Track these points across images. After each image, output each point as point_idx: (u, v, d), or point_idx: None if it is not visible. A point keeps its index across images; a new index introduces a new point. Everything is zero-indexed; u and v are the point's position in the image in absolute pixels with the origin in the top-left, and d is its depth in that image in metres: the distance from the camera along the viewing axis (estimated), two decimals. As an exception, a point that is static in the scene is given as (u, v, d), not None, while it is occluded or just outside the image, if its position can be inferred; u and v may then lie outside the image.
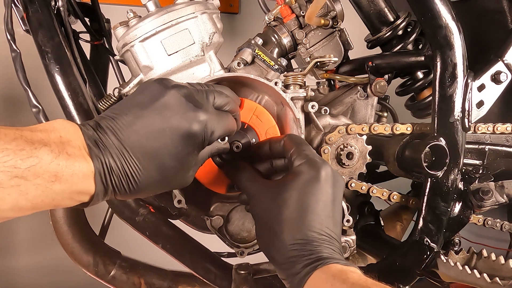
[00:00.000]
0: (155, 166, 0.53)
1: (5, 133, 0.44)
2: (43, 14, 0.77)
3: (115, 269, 0.92)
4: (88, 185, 0.49)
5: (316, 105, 0.80)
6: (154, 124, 0.53)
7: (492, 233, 1.08)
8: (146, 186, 0.54)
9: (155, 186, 0.55)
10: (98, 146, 0.50)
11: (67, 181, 0.47)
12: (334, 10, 0.97)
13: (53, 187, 0.46)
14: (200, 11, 0.82)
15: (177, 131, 0.54)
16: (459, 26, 0.80)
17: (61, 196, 0.47)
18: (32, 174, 0.44)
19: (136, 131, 0.52)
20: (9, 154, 0.43)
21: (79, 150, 0.48)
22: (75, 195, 0.49)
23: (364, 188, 0.86)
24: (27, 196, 0.44)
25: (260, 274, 0.77)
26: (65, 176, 0.46)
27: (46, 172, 0.45)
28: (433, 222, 0.83)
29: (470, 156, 0.92)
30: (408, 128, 0.86)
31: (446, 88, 0.81)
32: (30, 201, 0.45)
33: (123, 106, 0.56)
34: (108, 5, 1.41)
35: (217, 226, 0.79)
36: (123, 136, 0.52)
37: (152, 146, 0.53)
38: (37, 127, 0.48)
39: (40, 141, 0.46)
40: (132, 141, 0.52)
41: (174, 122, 0.54)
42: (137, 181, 0.52)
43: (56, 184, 0.46)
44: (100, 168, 0.50)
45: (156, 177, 0.54)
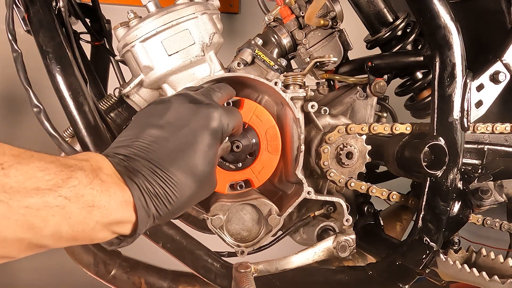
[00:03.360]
0: (188, 174, 0.52)
1: (43, 156, 0.42)
2: (44, 14, 0.78)
3: (116, 269, 0.92)
4: (128, 213, 0.47)
5: (316, 105, 0.80)
6: (175, 135, 0.53)
7: (492, 233, 1.08)
8: (185, 199, 0.52)
9: (193, 197, 0.54)
10: (129, 171, 0.49)
11: (105, 207, 0.44)
12: (333, 11, 0.98)
13: (93, 214, 0.43)
14: (201, 12, 0.83)
15: (200, 133, 0.54)
16: (458, 27, 0.80)
17: (100, 225, 0.44)
18: (74, 196, 0.42)
19: (159, 148, 0.51)
20: (50, 173, 0.41)
21: (111, 178, 0.46)
22: (114, 226, 0.46)
23: (363, 188, 0.86)
24: (69, 221, 0.42)
25: (260, 273, 0.78)
26: (102, 202, 0.44)
27: (86, 195, 0.43)
28: (432, 222, 0.83)
29: (469, 155, 0.93)
30: (407, 128, 0.86)
31: (445, 88, 0.81)
32: (71, 228, 0.42)
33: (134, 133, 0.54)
34: (109, 5, 1.41)
35: (217, 226, 0.80)
36: (149, 156, 0.50)
37: (180, 156, 0.52)
38: (67, 156, 0.47)
39: (75, 165, 0.44)
40: (160, 158, 0.51)
41: (193, 126, 0.54)
42: (176, 195, 0.51)
43: (95, 210, 0.43)
44: (138, 192, 0.47)
45: (192, 185, 0.52)
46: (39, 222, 0.40)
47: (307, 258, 0.80)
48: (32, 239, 0.40)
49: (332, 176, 0.84)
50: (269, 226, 0.81)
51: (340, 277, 0.86)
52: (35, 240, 0.41)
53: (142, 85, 0.87)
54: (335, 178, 0.84)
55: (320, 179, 0.90)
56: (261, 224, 0.81)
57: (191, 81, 0.84)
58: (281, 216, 0.80)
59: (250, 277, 0.68)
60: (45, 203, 0.40)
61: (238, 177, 0.80)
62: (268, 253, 0.88)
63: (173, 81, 0.84)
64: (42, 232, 0.40)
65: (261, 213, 0.81)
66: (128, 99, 0.89)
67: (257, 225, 0.82)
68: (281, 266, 0.79)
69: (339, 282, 0.86)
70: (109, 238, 0.48)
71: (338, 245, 0.81)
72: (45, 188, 0.40)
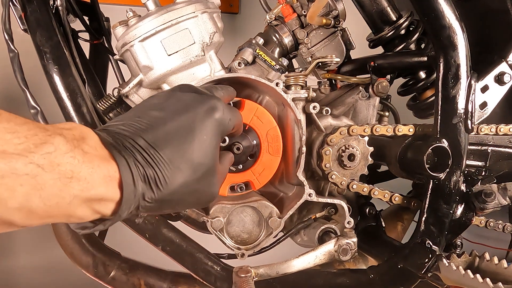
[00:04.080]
0: (183, 160, 0.47)
1: (13, 117, 0.37)
2: (42, 13, 0.76)
3: (115, 270, 0.91)
4: (112, 190, 0.42)
5: (318, 106, 0.79)
6: (175, 118, 0.49)
7: (492, 233, 1.07)
8: (175, 187, 0.47)
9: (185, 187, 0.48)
10: (118, 145, 0.44)
11: (85, 180, 0.39)
12: (336, 9, 0.96)
13: (70, 186, 0.38)
14: (201, 11, 0.81)
15: (201, 121, 0.50)
16: (463, 26, 0.79)
17: (79, 200, 0.39)
18: (49, 164, 0.36)
19: (156, 128, 0.47)
20: (20, 137, 0.36)
21: (95, 150, 0.41)
22: (95, 203, 0.41)
23: (365, 190, 0.85)
24: (41, 193, 0.36)
25: (261, 278, 0.77)
26: (83, 174, 0.39)
27: (63, 164, 0.37)
28: (435, 225, 0.82)
29: (472, 157, 0.92)
30: (410, 129, 0.85)
31: (449, 89, 0.80)
32: (43, 202, 0.36)
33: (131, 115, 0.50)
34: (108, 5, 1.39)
35: (218, 228, 0.79)
36: (143, 134, 0.46)
37: (177, 139, 0.47)
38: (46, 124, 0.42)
39: (53, 131, 0.39)
40: (155, 137, 0.46)
41: (195, 113, 0.50)
42: (166, 179, 0.45)
43: (73, 182, 0.38)
44: (126, 167, 0.42)
45: (185, 173, 0.47)
46: (3, 192, 0.34)
47: (308, 262, 0.79)
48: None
49: (334, 179, 0.83)
50: (270, 228, 0.80)
51: (341, 280, 0.85)
52: (1, 214, 0.35)
53: (142, 85, 0.85)
54: (336, 181, 0.83)
55: (321, 181, 0.89)
56: (262, 226, 0.81)
57: (191, 81, 0.83)
58: (282, 219, 0.80)
59: (251, 282, 0.67)
60: (11, 170, 0.34)
61: (238, 179, 0.79)
62: (269, 255, 0.88)
63: (172, 81, 0.83)
64: (6, 204, 0.35)
65: (261, 215, 0.80)
66: (127, 99, 0.88)
67: (257, 227, 0.81)
68: (282, 270, 0.78)
69: (340, 285, 0.85)
70: (89, 218, 0.42)
71: (340, 248, 0.80)
72: (13, 152, 0.35)
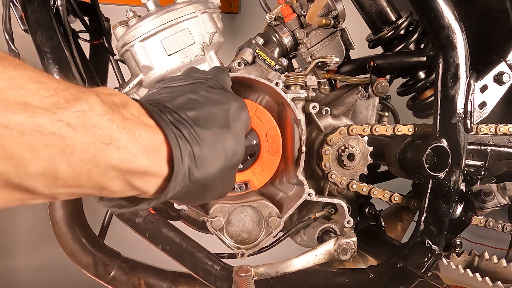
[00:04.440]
0: (223, 146, 0.45)
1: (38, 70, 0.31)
2: (42, 13, 0.77)
3: (115, 270, 0.92)
4: (157, 164, 0.36)
5: (317, 106, 0.79)
6: (215, 106, 0.46)
7: (492, 233, 1.08)
8: (215, 172, 0.43)
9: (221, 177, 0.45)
10: (164, 115, 0.39)
11: (127, 149, 0.33)
12: (335, 10, 0.96)
13: (107, 154, 0.32)
14: (201, 11, 0.82)
15: (236, 114, 0.49)
16: (462, 26, 0.79)
17: (115, 171, 0.33)
18: (81, 124, 0.31)
19: (198, 109, 0.44)
20: (47, 89, 0.30)
21: (137, 118, 0.36)
22: (136, 177, 0.35)
23: (365, 190, 0.85)
24: (70, 157, 0.30)
25: (260, 277, 0.77)
26: (123, 141, 0.33)
27: (99, 127, 0.32)
28: (434, 224, 0.82)
29: (472, 157, 0.92)
30: (409, 129, 0.85)
31: (448, 89, 0.80)
32: (72, 168, 0.31)
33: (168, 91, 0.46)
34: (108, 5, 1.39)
35: (217, 228, 0.79)
36: (189, 113, 0.42)
37: (219, 126, 0.45)
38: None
39: (89, 89, 0.33)
40: (200, 118, 0.43)
41: (231, 107, 0.49)
42: (208, 161, 0.42)
43: (111, 150, 0.32)
44: (174, 139, 0.37)
45: (224, 160, 0.45)
46: (24, 152, 0.28)
47: (308, 261, 0.79)
48: (11, 175, 0.29)
49: (334, 178, 0.83)
50: (270, 228, 0.80)
51: (341, 280, 0.86)
52: (16, 178, 0.29)
53: (142, 85, 0.86)
54: (336, 180, 0.83)
55: (321, 180, 0.90)
56: (262, 226, 0.81)
57: (191, 81, 0.83)
58: (281, 218, 0.80)
59: (251, 281, 0.67)
60: (34, 127, 0.28)
61: (238, 178, 0.80)
62: (269, 255, 0.88)
63: (172, 81, 0.83)
64: (27, 167, 0.29)
65: (261, 215, 0.80)
66: (127, 99, 0.88)
67: (257, 227, 0.81)
68: (281, 270, 0.78)
69: (340, 285, 0.85)
70: (123, 193, 0.36)
71: (339, 247, 0.80)
72: (38, 105, 0.29)
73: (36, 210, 1.49)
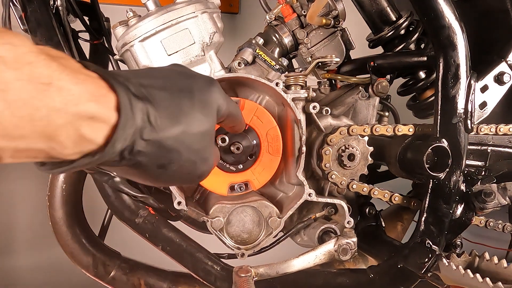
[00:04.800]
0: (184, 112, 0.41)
1: None
2: (42, 13, 0.77)
3: (115, 270, 0.91)
4: (105, 109, 0.33)
5: (318, 106, 0.79)
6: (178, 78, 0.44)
7: (492, 233, 1.07)
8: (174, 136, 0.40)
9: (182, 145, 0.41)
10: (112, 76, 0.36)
11: (70, 91, 0.30)
12: (335, 10, 0.96)
13: (47, 95, 0.29)
14: (201, 11, 0.81)
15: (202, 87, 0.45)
16: (462, 26, 0.79)
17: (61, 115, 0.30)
18: (12, 59, 0.27)
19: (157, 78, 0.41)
20: None
21: (79, 69, 0.33)
22: (84, 122, 0.31)
23: (365, 190, 0.85)
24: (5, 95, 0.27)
25: (261, 277, 0.77)
26: (65, 83, 0.30)
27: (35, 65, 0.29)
28: (435, 224, 0.82)
29: (472, 157, 0.92)
30: (410, 129, 0.85)
31: (449, 89, 0.80)
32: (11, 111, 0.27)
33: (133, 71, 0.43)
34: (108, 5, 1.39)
35: (218, 228, 0.79)
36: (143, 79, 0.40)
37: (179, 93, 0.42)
38: None
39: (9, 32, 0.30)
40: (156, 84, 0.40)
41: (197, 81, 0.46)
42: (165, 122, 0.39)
43: (52, 91, 0.29)
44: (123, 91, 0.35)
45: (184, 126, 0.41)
46: None
47: (308, 262, 0.79)
48: None
49: (334, 178, 0.83)
50: (270, 228, 0.80)
51: (341, 280, 0.86)
52: None
53: (142, 85, 0.85)
54: (336, 180, 0.83)
55: (321, 181, 0.90)
56: (262, 226, 0.81)
57: (191, 81, 0.83)
58: (281, 218, 0.80)
59: (251, 281, 0.67)
60: None
61: (238, 179, 0.79)
62: (269, 255, 0.88)
63: (172, 81, 0.83)
64: None
65: (261, 215, 0.80)
66: (127, 99, 0.88)
67: (257, 227, 0.81)
68: (282, 270, 0.78)
69: (340, 285, 0.85)
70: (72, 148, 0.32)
71: (340, 248, 0.80)
72: None
73: (36, 210, 1.49)
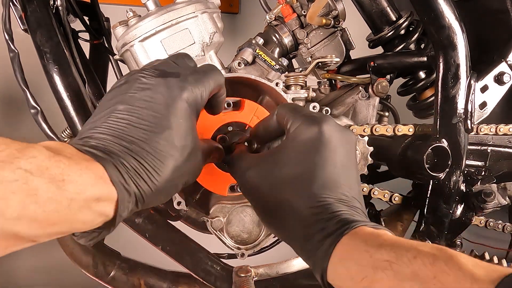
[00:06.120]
0: (166, 147, 0.45)
1: None
2: (42, 13, 0.77)
3: (115, 270, 0.91)
4: (106, 188, 0.40)
5: (318, 106, 0.79)
6: (145, 110, 0.46)
7: (492, 233, 1.08)
8: (167, 174, 0.45)
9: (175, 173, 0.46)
10: (98, 150, 0.42)
11: (77, 182, 0.37)
12: (335, 10, 0.96)
13: (65, 189, 0.36)
14: (201, 11, 0.81)
15: (171, 106, 0.47)
16: (462, 26, 0.79)
17: (77, 203, 0.37)
18: (36, 168, 0.35)
19: (130, 124, 0.45)
20: (0, 143, 0.35)
21: (77, 155, 0.40)
22: (94, 203, 0.39)
23: (365, 190, 0.85)
24: (36, 198, 0.34)
25: (260, 277, 0.77)
26: (73, 176, 0.37)
27: (51, 168, 0.36)
28: (434, 224, 0.82)
29: (472, 157, 0.92)
30: (410, 129, 0.85)
31: (449, 89, 0.80)
32: (41, 208, 0.35)
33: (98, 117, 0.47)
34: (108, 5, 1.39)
35: (217, 228, 0.79)
36: (119, 134, 0.44)
37: (154, 130, 0.45)
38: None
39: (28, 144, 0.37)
40: (133, 134, 0.44)
41: (164, 99, 0.47)
42: (157, 171, 0.44)
43: (67, 185, 0.36)
44: (111, 166, 0.41)
45: (175, 159, 0.46)
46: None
47: (308, 261, 0.79)
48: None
49: (334, 178, 0.83)
50: (270, 228, 0.80)
51: (341, 280, 0.85)
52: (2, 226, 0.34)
53: (142, 85, 0.85)
54: (336, 180, 0.83)
55: (321, 181, 0.89)
56: (262, 226, 0.80)
57: (191, 81, 0.83)
58: (282, 219, 0.79)
59: (251, 281, 0.67)
60: (1, 178, 0.33)
61: (238, 179, 0.79)
62: (269, 255, 0.88)
63: (172, 81, 0.83)
64: (5, 215, 0.33)
65: (261, 215, 0.80)
66: (127, 99, 0.88)
67: (257, 227, 0.81)
68: (281, 270, 0.78)
69: (340, 285, 0.85)
70: (94, 222, 0.40)
71: (340, 248, 0.80)
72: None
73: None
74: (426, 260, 0.38)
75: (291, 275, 0.80)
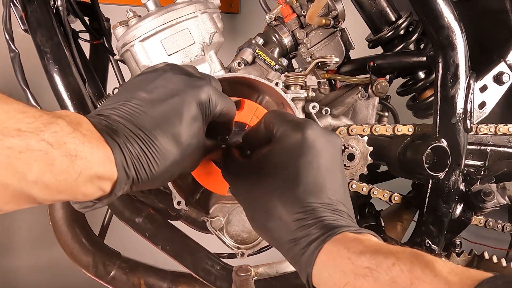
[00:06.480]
0: (172, 141, 0.49)
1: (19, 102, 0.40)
2: (42, 13, 0.77)
3: (115, 270, 0.92)
4: (110, 170, 0.44)
5: (317, 106, 0.79)
6: (163, 102, 0.50)
7: (492, 233, 1.08)
8: (166, 166, 0.49)
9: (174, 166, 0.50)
10: (110, 130, 0.46)
11: (87, 159, 0.42)
12: (335, 10, 0.96)
13: (75, 164, 0.41)
14: (201, 11, 0.82)
15: (187, 103, 0.51)
16: (462, 26, 0.79)
17: (83, 177, 0.42)
18: (56, 142, 0.39)
19: (145, 112, 0.48)
20: (30, 116, 0.38)
21: (92, 133, 0.44)
22: (96, 179, 0.43)
23: (365, 190, 0.86)
24: (52, 168, 0.39)
25: (260, 277, 0.77)
26: (84, 153, 0.41)
27: (68, 143, 0.40)
28: (434, 224, 0.82)
29: (471, 157, 0.92)
30: (409, 129, 0.85)
31: (448, 89, 0.80)
32: (54, 177, 0.39)
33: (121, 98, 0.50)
34: (108, 5, 1.39)
35: (217, 228, 0.79)
36: (132, 119, 0.48)
37: (165, 122, 0.49)
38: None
39: (54, 114, 0.41)
40: (144, 121, 0.48)
41: (182, 95, 0.51)
42: (157, 161, 0.48)
43: (77, 160, 0.41)
44: (118, 150, 0.45)
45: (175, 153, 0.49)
46: (23, 166, 0.37)
47: (307, 261, 0.79)
48: (16, 185, 0.38)
49: (333, 178, 0.83)
50: (270, 228, 0.80)
51: (341, 279, 0.86)
52: (20, 187, 0.38)
53: (142, 85, 0.86)
54: (336, 180, 0.83)
55: (321, 180, 0.90)
56: (262, 226, 0.81)
57: (191, 81, 0.83)
58: (281, 218, 0.80)
59: (251, 280, 0.67)
60: (27, 146, 0.37)
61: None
62: (268, 255, 0.88)
63: (172, 81, 0.83)
64: (26, 178, 0.38)
65: (261, 215, 0.80)
66: (127, 99, 0.88)
67: (257, 227, 0.81)
68: (281, 269, 0.78)
69: (340, 285, 0.85)
70: (93, 195, 0.45)
71: (339, 247, 0.80)
72: (27, 130, 0.38)
73: (36, 210, 1.49)
74: (404, 267, 0.40)
75: (291, 274, 0.81)
